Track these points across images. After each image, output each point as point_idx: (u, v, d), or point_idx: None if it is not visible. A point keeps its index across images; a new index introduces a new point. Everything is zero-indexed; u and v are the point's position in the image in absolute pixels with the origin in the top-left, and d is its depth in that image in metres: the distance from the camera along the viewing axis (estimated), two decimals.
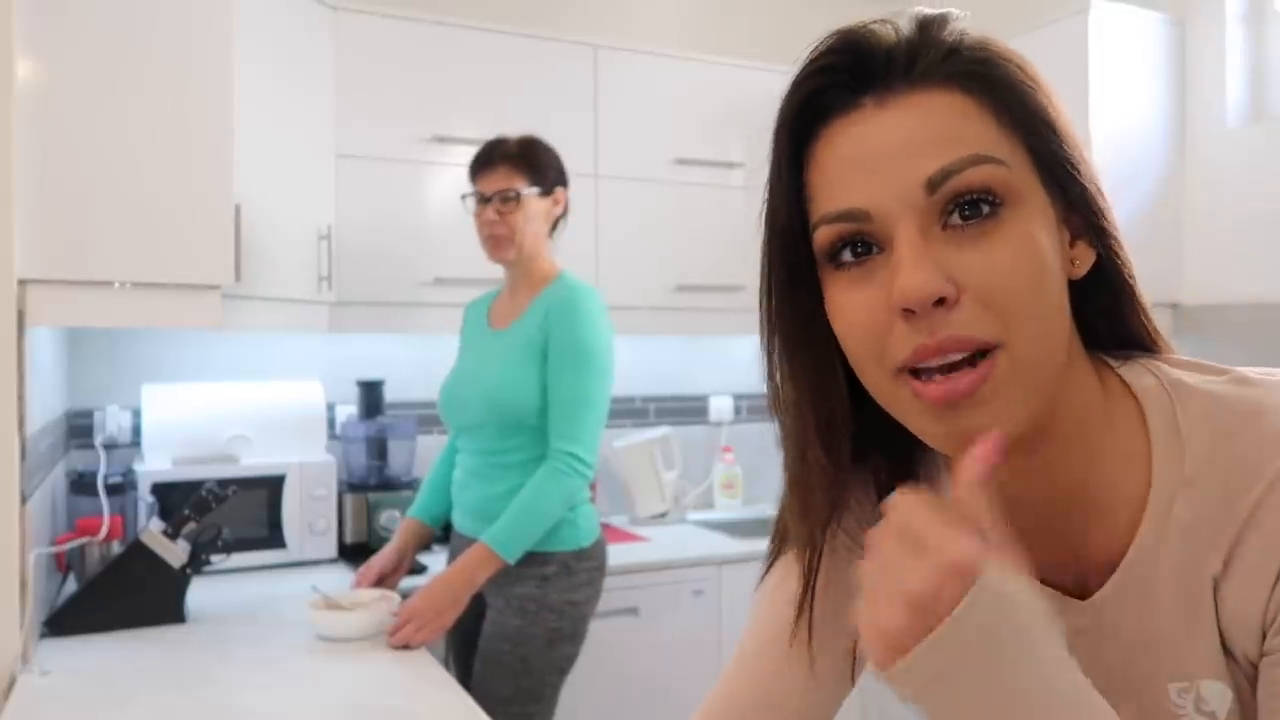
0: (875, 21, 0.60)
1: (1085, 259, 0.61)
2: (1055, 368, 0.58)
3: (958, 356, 0.55)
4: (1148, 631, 0.60)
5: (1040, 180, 0.58)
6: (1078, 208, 0.60)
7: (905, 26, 0.59)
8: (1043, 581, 0.64)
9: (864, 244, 0.58)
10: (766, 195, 0.63)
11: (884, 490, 0.72)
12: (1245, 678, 0.58)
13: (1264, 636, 0.56)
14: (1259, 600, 0.55)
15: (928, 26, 0.59)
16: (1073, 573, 0.63)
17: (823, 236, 0.59)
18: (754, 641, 0.73)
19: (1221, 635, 0.57)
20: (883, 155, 0.57)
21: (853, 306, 0.58)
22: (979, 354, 0.55)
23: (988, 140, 0.56)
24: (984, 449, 0.54)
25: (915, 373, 0.56)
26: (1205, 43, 2.54)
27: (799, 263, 0.62)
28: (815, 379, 0.64)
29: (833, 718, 0.72)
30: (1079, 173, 0.59)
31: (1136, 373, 0.63)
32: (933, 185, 0.55)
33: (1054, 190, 0.59)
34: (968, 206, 0.55)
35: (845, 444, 0.65)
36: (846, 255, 0.59)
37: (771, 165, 0.63)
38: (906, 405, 0.58)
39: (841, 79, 0.59)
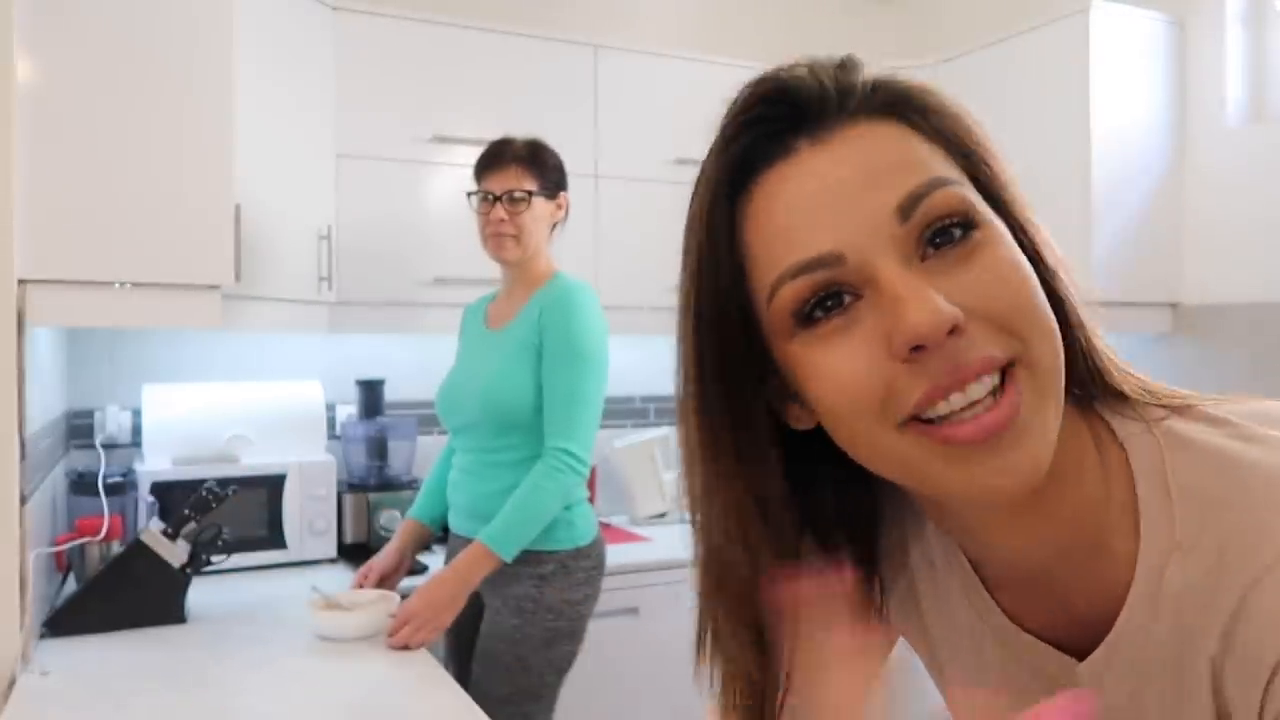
0: (790, 67, 0.58)
1: None
2: (1063, 379, 0.55)
3: (981, 391, 0.51)
4: (1141, 698, 0.57)
5: (985, 203, 0.56)
6: (1013, 234, 0.57)
7: (823, 68, 0.57)
8: (1041, 638, 0.61)
9: (834, 296, 0.53)
10: (693, 274, 0.60)
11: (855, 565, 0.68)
12: None
13: None
14: (1256, 690, 0.51)
15: (847, 66, 0.57)
16: (1067, 630, 0.61)
17: (787, 296, 0.54)
18: None
19: (1218, 713, 0.54)
20: (841, 191, 0.53)
21: (842, 360, 0.53)
22: (998, 386, 0.51)
23: (939, 164, 0.55)
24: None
25: (927, 421, 0.52)
26: (1205, 43, 2.54)
27: (736, 345, 0.58)
28: (754, 489, 0.60)
29: None
30: (1013, 199, 0.57)
31: (1123, 416, 0.58)
32: (904, 212, 0.52)
33: (995, 214, 0.57)
34: (938, 235, 0.53)
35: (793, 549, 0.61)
36: (818, 312, 0.53)
37: (700, 237, 0.59)
38: (919, 458, 0.53)
39: (772, 128, 0.56)
